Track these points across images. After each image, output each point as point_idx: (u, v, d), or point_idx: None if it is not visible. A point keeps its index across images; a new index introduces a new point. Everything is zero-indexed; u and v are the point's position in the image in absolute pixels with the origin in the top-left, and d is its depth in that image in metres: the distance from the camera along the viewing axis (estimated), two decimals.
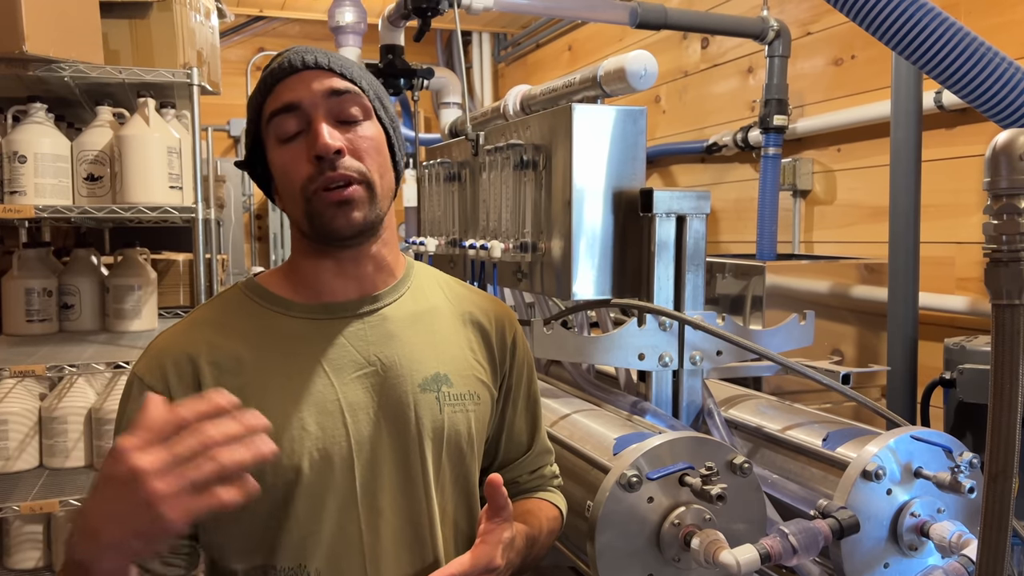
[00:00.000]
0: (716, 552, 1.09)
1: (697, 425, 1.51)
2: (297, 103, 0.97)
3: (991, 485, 0.79)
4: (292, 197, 0.99)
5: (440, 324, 1.09)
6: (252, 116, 1.02)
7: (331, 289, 1.03)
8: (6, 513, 2.17)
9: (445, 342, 1.08)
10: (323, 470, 0.96)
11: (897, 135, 1.86)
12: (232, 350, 0.99)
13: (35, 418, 2.47)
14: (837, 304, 2.28)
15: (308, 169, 0.96)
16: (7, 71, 2.07)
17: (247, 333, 1.01)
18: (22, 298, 2.58)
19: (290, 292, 1.04)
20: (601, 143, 1.49)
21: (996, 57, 0.98)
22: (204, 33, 2.41)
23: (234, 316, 1.03)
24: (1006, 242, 0.77)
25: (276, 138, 0.99)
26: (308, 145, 0.97)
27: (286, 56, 1.00)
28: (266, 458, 0.72)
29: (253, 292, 1.05)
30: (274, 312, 1.03)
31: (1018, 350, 0.76)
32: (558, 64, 4.59)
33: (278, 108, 0.98)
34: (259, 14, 4.90)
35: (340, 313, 1.03)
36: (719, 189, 3.22)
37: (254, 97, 1.02)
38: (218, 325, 1.02)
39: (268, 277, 1.08)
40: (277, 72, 0.99)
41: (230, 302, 1.06)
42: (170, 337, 1.02)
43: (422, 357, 1.05)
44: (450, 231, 2.05)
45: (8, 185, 2.19)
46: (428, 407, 1.03)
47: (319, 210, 0.97)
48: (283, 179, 1.00)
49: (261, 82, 1.01)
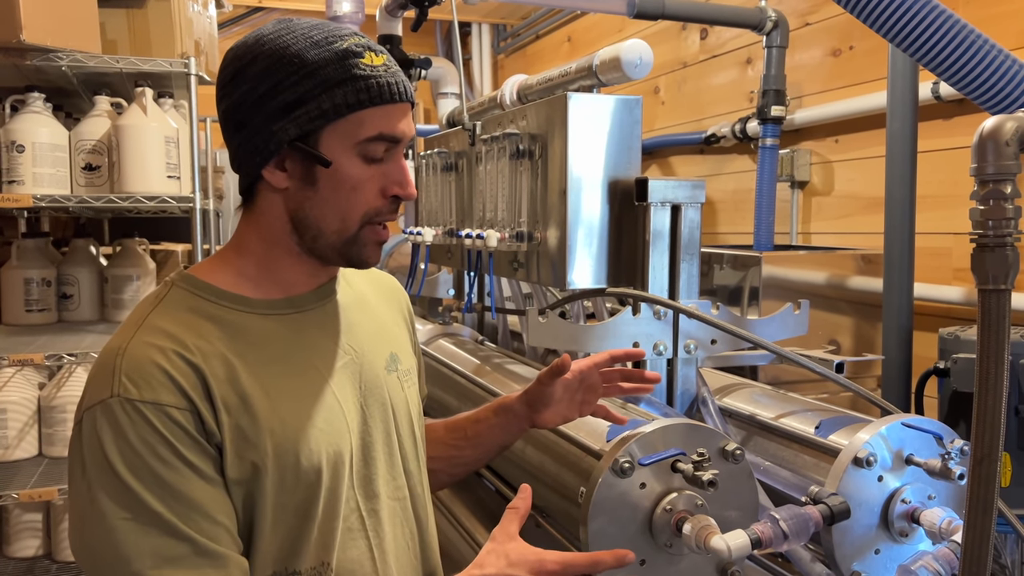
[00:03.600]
0: (707, 537, 1.10)
1: (691, 413, 1.52)
2: (402, 139, 0.95)
3: (976, 468, 0.80)
4: (344, 216, 0.95)
5: (376, 307, 1.13)
6: (343, 101, 0.91)
7: (289, 285, 1.00)
8: (5, 501, 2.19)
9: (385, 323, 1.13)
10: (337, 465, 0.97)
11: (893, 126, 1.86)
12: (218, 354, 0.91)
13: (34, 407, 2.49)
14: (834, 295, 2.29)
15: (380, 202, 0.96)
16: (5, 60, 2.07)
17: (219, 335, 0.92)
18: (21, 288, 2.59)
19: (245, 287, 0.97)
20: (597, 132, 1.50)
21: (988, 46, 0.99)
22: (202, 23, 2.41)
23: (196, 317, 0.93)
24: (992, 227, 0.77)
25: (360, 152, 0.94)
26: (388, 180, 0.95)
27: (395, 71, 0.95)
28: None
29: (203, 290, 0.96)
30: (237, 311, 0.95)
31: (1004, 335, 0.77)
32: (557, 55, 4.59)
33: (389, 136, 0.94)
34: (258, 5, 4.89)
35: (303, 306, 1.00)
36: (718, 180, 3.23)
37: (347, 85, 0.91)
38: (187, 327, 0.91)
39: (208, 272, 0.98)
40: (393, 90, 0.93)
41: (179, 303, 0.95)
42: (142, 345, 0.88)
43: (377, 340, 1.08)
44: (447, 221, 2.06)
45: (6, 175, 2.20)
46: (395, 387, 1.07)
47: (363, 241, 0.97)
48: (347, 195, 0.94)
49: (364, 80, 0.91)
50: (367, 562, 0.99)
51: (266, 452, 0.90)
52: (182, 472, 0.85)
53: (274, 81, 0.91)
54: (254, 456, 0.89)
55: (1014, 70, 0.97)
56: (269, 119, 0.92)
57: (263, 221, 0.98)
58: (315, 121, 0.91)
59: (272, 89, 0.91)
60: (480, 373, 1.80)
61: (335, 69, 0.91)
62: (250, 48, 0.94)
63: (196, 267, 1.01)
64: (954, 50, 0.98)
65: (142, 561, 0.82)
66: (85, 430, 0.86)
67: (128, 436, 0.84)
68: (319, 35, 0.93)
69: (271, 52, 0.92)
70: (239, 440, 0.89)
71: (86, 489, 0.85)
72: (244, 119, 0.94)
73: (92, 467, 0.85)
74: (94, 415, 0.86)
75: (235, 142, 0.96)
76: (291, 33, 0.93)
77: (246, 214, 1.00)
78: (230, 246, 1.01)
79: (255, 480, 0.89)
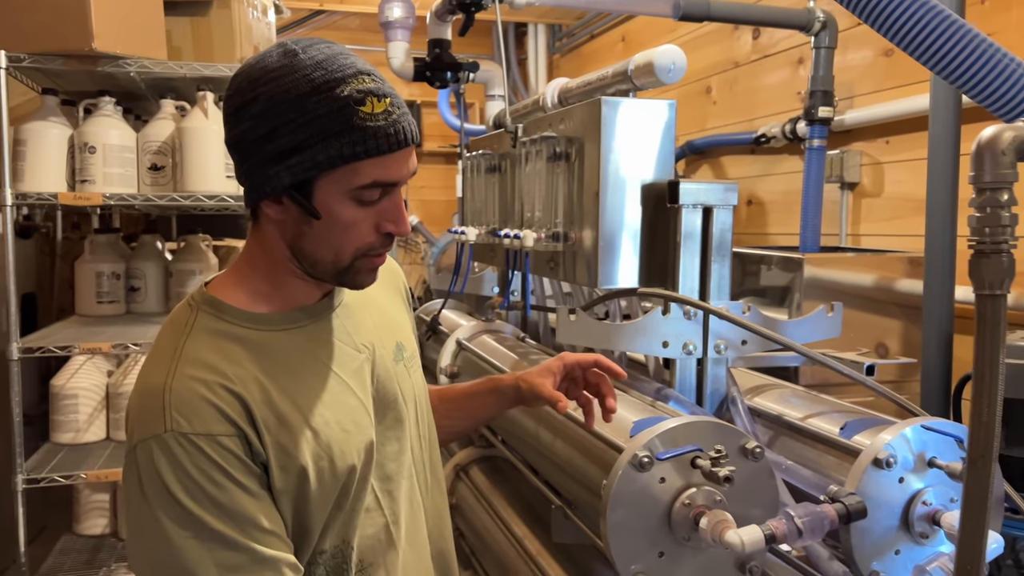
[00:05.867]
0: (723, 532, 1.13)
1: (721, 412, 1.55)
2: (398, 183, 0.97)
3: (972, 468, 0.82)
4: (337, 251, 0.98)
5: (378, 298, 1.18)
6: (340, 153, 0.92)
7: (305, 295, 1.05)
8: (75, 480, 2.33)
9: (389, 313, 1.20)
10: (366, 459, 1.05)
11: (935, 129, 1.84)
12: (252, 378, 0.96)
13: (103, 393, 2.64)
14: (882, 297, 2.27)
15: (372, 238, 0.98)
16: (78, 67, 2.21)
17: (248, 358, 0.98)
18: (93, 281, 2.75)
19: (261, 304, 1.02)
20: (629, 136, 1.53)
21: (998, 53, 0.99)
22: (261, 29, 2.52)
23: (226, 342, 0.98)
24: (989, 234, 0.79)
25: (355, 197, 0.95)
26: (379, 217, 0.97)
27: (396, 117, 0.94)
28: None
29: (225, 312, 1.00)
30: (259, 330, 1.00)
31: (999, 338, 0.79)
32: (612, 55, 4.60)
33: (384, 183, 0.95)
34: (319, 8, 5.03)
35: (316, 314, 1.06)
36: (768, 181, 3.21)
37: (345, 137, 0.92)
38: (221, 355, 0.96)
39: (225, 292, 1.02)
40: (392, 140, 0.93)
41: (207, 328, 0.99)
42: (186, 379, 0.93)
43: (384, 333, 1.15)
44: (491, 221, 2.11)
45: (79, 174, 2.34)
46: (403, 376, 1.15)
47: (357, 269, 1.00)
48: (341, 233, 0.97)
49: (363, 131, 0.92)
50: (384, 537, 1.07)
51: (306, 462, 0.97)
52: (234, 493, 0.92)
53: (272, 126, 0.92)
54: (295, 467, 0.97)
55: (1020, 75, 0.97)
56: (266, 162, 0.94)
57: (266, 244, 1.02)
58: (309, 171, 0.93)
59: (270, 133, 0.93)
60: (515, 368, 1.85)
61: (332, 120, 0.91)
62: (253, 83, 0.94)
63: (214, 286, 1.04)
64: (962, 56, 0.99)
65: (208, 573, 0.90)
66: (142, 461, 0.92)
67: (185, 466, 0.90)
68: (321, 77, 0.92)
69: (271, 95, 0.92)
70: (281, 455, 0.96)
71: (148, 512, 0.91)
72: (243, 156, 0.97)
73: (152, 494, 0.91)
74: (149, 448, 0.91)
75: (238, 170, 1.00)
76: (293, 74, 0.92)
77: (253, 231, 1.04)
78: (243, 260, 1.06)
79: (299, 488, 0.98)
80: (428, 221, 5.41)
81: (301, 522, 1.00)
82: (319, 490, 0.99)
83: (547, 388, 1.22)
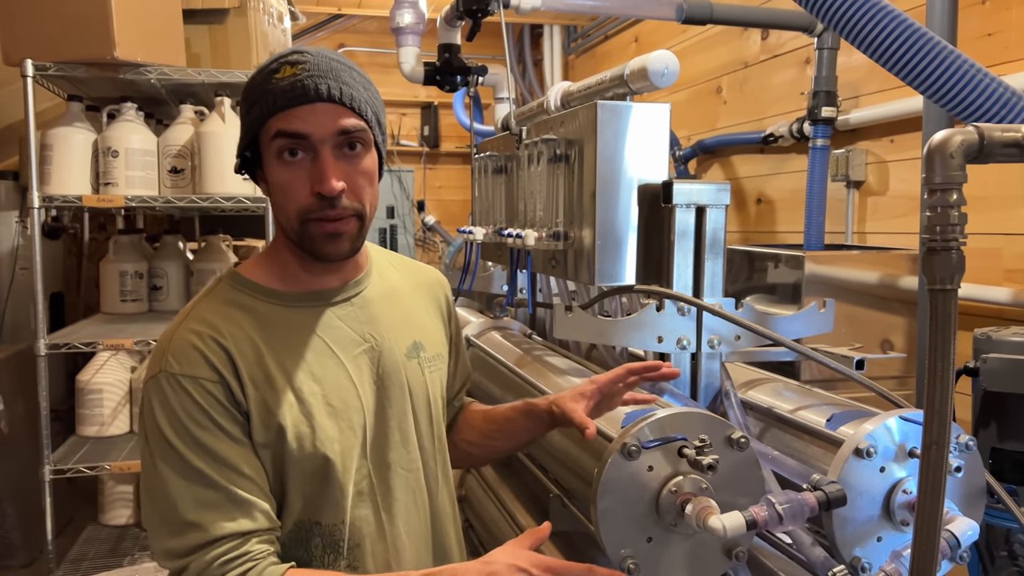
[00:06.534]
0: (706, 517, 1.18)
1: (715, 406, 1.59)
2: (307, 136, 1.02)
3: (926, 454, 0.86)
4: (286, 215, 1.06)
5: (405, 299, 1.24)
6: (256, 116, 1.03)
7: (316, 280, 1.14)
8: (100, 471, 2.42)
9: (413, 314, 1.24)
10: (350, 437, 1.11)
11: (929, 130, 1.88)
12: (247, 339, 1.06)
13: (126, 388, 2.73)
14: (887, 295, 2.30)
15: (308, 200, 1.03)
16: (101, 74, 2.30)
17: (251, 323, 1.08)
18: (117, 280, 2.84)
19: (278, 282, 1.12)
20: (625, 138, 1.59)
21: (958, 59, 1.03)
22: (276, 35, 2.60)
23: (233, 308, 1.09)
24: (940, 232, 0.84)
25: (277, 156, 1.04)
26: (311, 178, 1.03)
27: (302, 78, 1.01)
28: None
29: (243, 285, 1.11)
30: (268, 303, 1.10)
31: (951, 331, 0.84)
32: (625, 55, 4.63)
33: (287, 132, 1.02)
34: (338, 12, 5.11)
35: (329, 299, 1.14)
36: (776, 179, 3.24)
37: (259, 102, 1.03)
38: (223, 316, 1.07)
39: (251, 269, 1.13)
40: (290, 95, 1.01)
41: (221, 296, 1.11)
42: (185, 331, 1.05)
43: (401, 330, 1.20)
44: (498, 220, 2.18)
45: (103, 177, 2.43)
46: (414, 372, 1.20)
47: (312, 237, 1.06)
48: (280, 196, 1.05)
49: (269, 93, 1.02)
50: (372, 520, 1.13)
51: (284, 422, 1.05)
52: (215, 434, 1.02)
53: (241, 111, 1.08)
54: (274, 424, 1.05)
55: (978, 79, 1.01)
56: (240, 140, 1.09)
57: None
58: (245, 140, 1.07)
59: (242, 116, 1.08)
60: (521, 364, 1.91)
61: (257, 91, 1.04)
62: None
63: (244, 264, 1.16)
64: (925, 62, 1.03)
65: (185, 505, 1.00)
66: (144, 398, 1.05)
67: (172, 404, 1.01)
68: (267, 63, 1.06)
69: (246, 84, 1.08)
70: (263, 411, 1.05)
71: (144, 444, 1.04)
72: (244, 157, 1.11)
73: (148, 428, 1.03)
74: (148, 388, 1.04)
75: None
76: (260, 65, 1.08)
77: None
78: (271, 244, 1.17)
79: (278, 445, 1.05)
80: (445, 221, 5.48)
81: (282, 483, 1.07)
82: (298, 453, 1.06)
83: (578, 414, 1.24)
